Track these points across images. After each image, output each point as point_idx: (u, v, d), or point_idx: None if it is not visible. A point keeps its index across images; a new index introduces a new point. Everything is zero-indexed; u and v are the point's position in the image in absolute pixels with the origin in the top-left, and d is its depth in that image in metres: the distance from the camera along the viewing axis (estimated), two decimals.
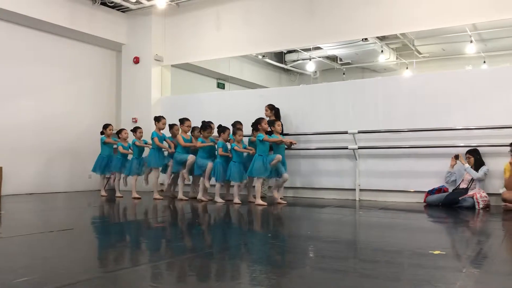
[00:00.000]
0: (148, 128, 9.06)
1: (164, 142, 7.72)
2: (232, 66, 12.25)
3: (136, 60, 9.81)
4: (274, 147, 6.71)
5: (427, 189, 6.70)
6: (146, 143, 7.95)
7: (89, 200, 7.83)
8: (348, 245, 3.82)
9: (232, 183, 7.08)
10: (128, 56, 9.94)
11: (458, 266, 2.96)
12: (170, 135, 7.97)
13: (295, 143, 6.78)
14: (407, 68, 13.25)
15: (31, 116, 8.63)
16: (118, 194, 8.02)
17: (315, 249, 3.63)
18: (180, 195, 7.44)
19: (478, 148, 6.43)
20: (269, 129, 6.75)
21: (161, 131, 7.78)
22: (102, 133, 8.28)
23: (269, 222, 5.40)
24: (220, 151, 7.01)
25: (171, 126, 7.96)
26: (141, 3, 9.28)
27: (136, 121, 9.64)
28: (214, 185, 7.19)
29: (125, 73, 10.00)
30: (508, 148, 6.02)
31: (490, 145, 6.41)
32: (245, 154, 7.06)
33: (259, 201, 6.53)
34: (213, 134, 7.58)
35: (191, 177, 7.66)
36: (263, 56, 12.59)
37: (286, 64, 13.74)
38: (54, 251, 3.42)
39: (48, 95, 8.98)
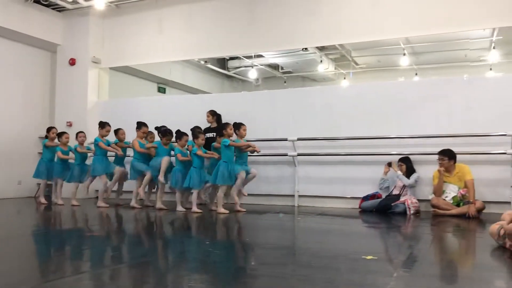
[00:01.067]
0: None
1: (110, 147, 7.43)
2: (173, 70, 12.09)
3: (72, 62, 9.45)
4: (237, 152, 6.56)
5: (362, 195, 6.93)
6: (89, 149, 7.63)
7: (20, 207, 7.41)
8: (286, 251, 3.87)
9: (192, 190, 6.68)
10: (64, 58, 9.54)
11: (389, 270, 3.08)
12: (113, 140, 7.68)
13: (258, 151, 6.69)
14: (344, 78, 13.68)
15: None
16: (59, 201, 7.58)
17: (254, 256, 3.64)
18: (133, 203, 7.12)
19: (409, 156, 6.75)
20: (234, 135, 6.61)
21: (105, 138, 7.47)
22: (46, 136, 7.86)
23: (209, 229, 5.36)
24: (179, 157, 6.76)
25: (116, 131, 7.64)
26: (78, 3, 8.94)
27: (70, 125, 9.25)
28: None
29: (60, 75, 9.58)
30: (437, 157, 6.35)
31: (421, 153, 6.75)
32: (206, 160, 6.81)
33: (221, 210, 6.33)
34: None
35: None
36: (206, 61, 12.54)
37: (228, 71, 13.76)
38: None
39: None
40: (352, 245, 4.24)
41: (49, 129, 7.89)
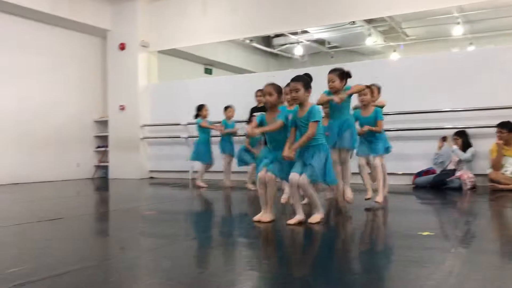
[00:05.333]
0: (133, 116, 9.08)
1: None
2: (219, 51, 12.15)
3: (122, 47, 9.68)
4: None
5: (415, 171, 6.76)
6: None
7: (78, 188, 7.78)
8: (345, 229, 3.86)
9: None
10: (114, 43, 9.79)
11: (447, 246, 3.01)
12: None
13: None
14: (394, 51, 13.26)
15: (14, 105, 8.45)
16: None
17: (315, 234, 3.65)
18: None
19: (465, 129, 6.49)
20: None
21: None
22: (197, 115, 7.28)
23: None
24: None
25: (226, 108, 7.25)
26: None
27: (123, 109, 9.56)
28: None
29: (111, 60, 9.86)
30: (495, 129, 6.08)
31: (477, 126, 6.47)
32: None
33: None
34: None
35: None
36: (251, 40, 12.48)
37: (274, 48, 13.66)
38: (43, 241, 3.39)
39: (32, 83, 8.81)
40: (407, 221, 4.16)
41: (200, 107, 7.25)
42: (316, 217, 3.69)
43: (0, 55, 8.29)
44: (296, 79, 3.80)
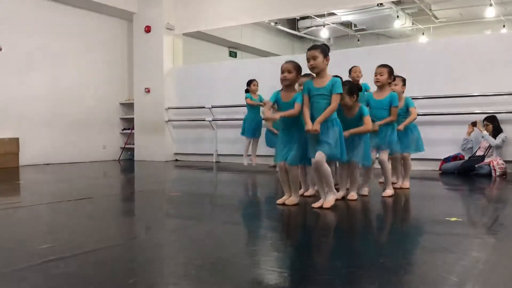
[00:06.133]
0: (159, 99, 9.11)
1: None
2: (244, 34, 12.07)
3: (148, 29, 9.72)
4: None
5: (442, 157, 6.65)
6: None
7: (105, 170, 7.92)
8: (370, 216, 3.84)
9: None
10: (140, 26, 9.84)
11: (475, 233, 2.96)
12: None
13: None
14: (423, 33, 12.95)
15: (46, 88, 8.64)
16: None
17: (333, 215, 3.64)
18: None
19: (496, 114, 6.32)
20: None
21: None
22: (247, 90, 7.37)
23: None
24: None
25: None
26: None
27: (149, 91, 9.64)
28: None
29: (137, 42, 9.92)
30: None
31: (508, 111, 6.29)
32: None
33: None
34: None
35: None
36: (276, 23, 12.37)
37: (299, 31, 13.50)
38: (74, 219, 3.48)
39: (61, 66, 8.96)
40: (434, 207, 4.10)
41: (249, 82, 7.32)
42: (330, 201, 3.59)
43: (32, 39, 8.42)
44: (313, 47, 3.70)
